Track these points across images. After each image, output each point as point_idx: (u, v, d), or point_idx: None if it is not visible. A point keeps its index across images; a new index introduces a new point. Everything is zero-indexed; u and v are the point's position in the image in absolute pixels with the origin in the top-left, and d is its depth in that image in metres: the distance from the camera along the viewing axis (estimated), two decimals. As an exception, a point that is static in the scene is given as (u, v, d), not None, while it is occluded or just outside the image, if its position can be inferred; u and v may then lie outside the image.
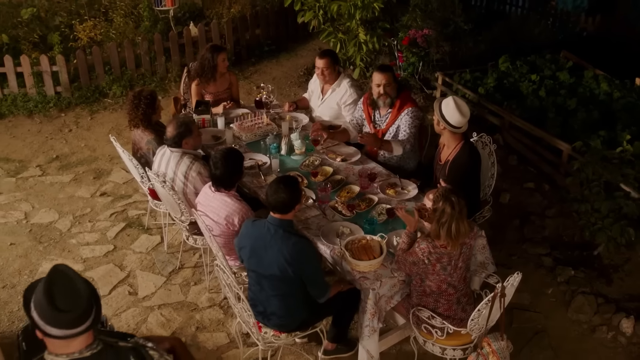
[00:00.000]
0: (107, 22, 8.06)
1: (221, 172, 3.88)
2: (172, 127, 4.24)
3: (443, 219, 3.46)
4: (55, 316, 2.01)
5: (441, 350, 3.79)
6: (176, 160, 4.27)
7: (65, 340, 2.06)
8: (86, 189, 6.05)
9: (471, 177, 4.29)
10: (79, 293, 2.07)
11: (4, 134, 7.06)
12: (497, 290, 3.45)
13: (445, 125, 4.19)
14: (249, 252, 3.56)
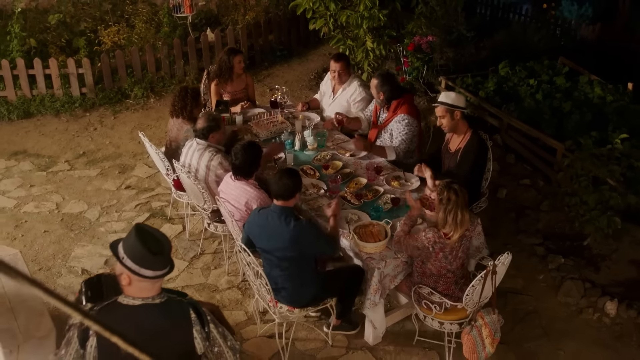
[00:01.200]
0: (129, 27, 8.53)
1: (241, 161, 4.31)
2: (203, 120, 4.69)
3: (449, 207, 3.87)
4: (149, 258, 2.46)
5: (439, 325, 4.20)
6: (200, 152, 4.71)
7: (150, 281, 2.50)
8: (112, 182, 6.50)
9: (480, 164, 4.73)
10: (162, 241, 2.52)
11: (33, 132, 7.53)
12: (489, 268, 3.86)
13: (458, 110, 4.63)
14: (258, 236, 3.98)
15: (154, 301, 2.59)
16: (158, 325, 2.57)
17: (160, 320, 2.59)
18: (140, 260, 2.50)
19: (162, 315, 2.60)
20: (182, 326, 2.62)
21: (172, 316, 2.62)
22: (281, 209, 3.90)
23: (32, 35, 8.17)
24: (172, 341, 2.61)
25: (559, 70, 7.79)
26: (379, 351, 4.50)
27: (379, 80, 5.21)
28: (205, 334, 2.64)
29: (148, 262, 2.50)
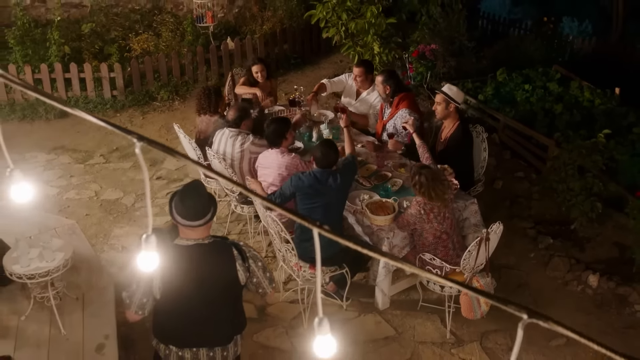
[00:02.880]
0: (156, 36, 9.25)
1: (271, 130, 5.01)
2: (234, 111, 5.37)
3: (422, 189, 4.54)
4: (183, 210, 3.10)
5: (441, 289, 4.83)
6: (233, 138, 5.37)
7: (190, 228, 3.14)
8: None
9: (463, 150, 5.38)
10: (201, 198, 3.16)
11: (69, 129, 8.22)
12: (483, 235, 4.50)
13: (453, 103, 5.30)
14: (307, 194, 4.64)
15: (204, 242, 3.22)
16: (207, 260, 3.21)
17: (209, 256, 3.22)
18: (178, 211, 3.14)
19: (211, 252, 3.23)
20: (227, 260, 3.25)
21: (218, 253, 3.26)
22: (329, 172, 4.65)
23: (66, 42, 8.88)
24: (219, 272, 3.24)
25: (552, 77, 8.45)
26: (388, 314, 5.13)
27: (385, 75, 5.86)
28: (246, 267, 3.27)
29: (183, 213, 3.13)
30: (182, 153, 2.63)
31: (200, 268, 3.18)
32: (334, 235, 1.35)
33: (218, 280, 3.24)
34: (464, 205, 5.17)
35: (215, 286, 3.24)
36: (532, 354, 4.80)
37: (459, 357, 4.77)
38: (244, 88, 6.50)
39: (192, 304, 3.21)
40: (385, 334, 4.96)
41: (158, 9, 9.94)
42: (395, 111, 5.82)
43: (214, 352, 3.31)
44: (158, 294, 3.16)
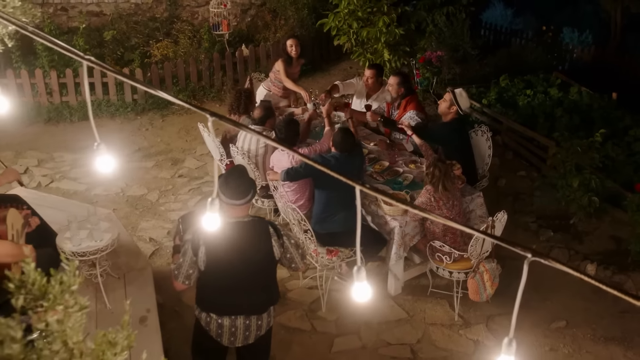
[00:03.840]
0: (174, 43, 9.70)
1: (285, 135, 5.42)
2: (260, 110, 5.80)
3: (434, 180, 4.96)
4: (228, 190, 3.51)
5: (449, 274, 5.23)
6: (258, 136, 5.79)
7: (232, 207, 3.55)
8: (166, 172, 7.57)
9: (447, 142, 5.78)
10: (243, 180, 3.57)
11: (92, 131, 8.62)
12: (489, 223, 4.90)
13: (457, 108, 5.72)
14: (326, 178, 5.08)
15: (244, 219, 3.63)
16: (247, 236, 3.61)
17: (249, 233, 3.63)
18: (223, 191, 3.55)
19: (250, 229, 3.64)
20: (264, 237, 3.65)
21: (256, 230, 3.66)
22: (347, 155, 5.17)
23: (88, 49, 9.31)
24: (257, 248, 3.63)
25: (552, 83, 8.88)
26: (400, 299, 5.52)
27: (401, 77, 6.30)
28: (280, 244, 3.67)
29: (227, 193, 3.54)
30: (250, 128, 3.09)
31: (241, 243, 3.58)
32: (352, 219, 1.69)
33: (256, 254, 3.63)
34: (471, 198, 5.58)
35: (253, 260, 3.63)
36: (534, 335, 5.18)
37: (467, 337, 5.16)
38: (291, 84, 6.92)
39: (232, 276, 3.60)
40: (398, 316, 5.35)
41: (175, 18, 10.39)
42: (404, 112, 6.23)
43: (250, 320, 3.70)
44: (202, 266, 3.55)
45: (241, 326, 3.68)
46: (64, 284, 1.81)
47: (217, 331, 3.68)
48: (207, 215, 2.49)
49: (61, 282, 1.85)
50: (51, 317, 1.69)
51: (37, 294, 1.72)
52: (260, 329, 3.75)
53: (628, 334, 5.22)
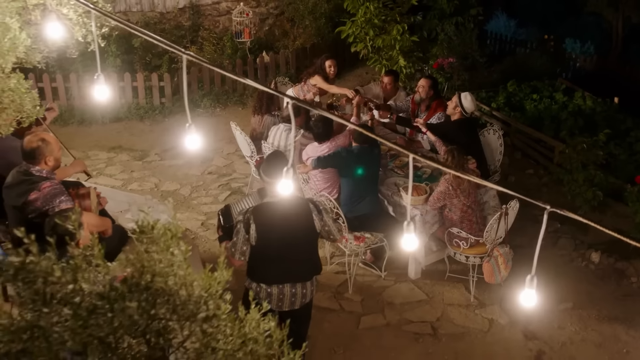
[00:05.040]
0: (199, 49, 10.24)
1: (322, 129, 5.94)
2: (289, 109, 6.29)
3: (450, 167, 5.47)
4: (269, 170, 4.01)
5: (466, 259, 5.71)
6: (287, 132, 6.30)
7: (273, 186, 4.04)
8: (196, 169, 8.08)
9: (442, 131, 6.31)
10: (283, 161, 4.07)
11: (124, 132, 9.16)
12: (503, 210, 5.40)
13: (460, 109, 6.24)
14: (353, 165, 5.63)
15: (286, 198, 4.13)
16: (290, 212, 4.11)
17: (292, 209, 4.12)
18: (265, 171, 4.06)
19: (292, 205, 4.13)
20: (305, 212, 4.15)
21: (298, 206, 4.16)
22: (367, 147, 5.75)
23: (117, 55, 9.87)
24: (299, 222, 4.13)
25: (557, 88, 9.40)
26: (419, 283, 6.01)
27: (432, 81, 6.90)
28: (320, 218, 4.17)
29: (268, 172, 4.06)
30: (322, 109, 3.62)
31: (285, 218, 4.08)
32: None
33: (299, 228, 4.13)
34: (484, 190, 6.08)
35: (297, 233, 4.13)
36: (544, 316, 5.64)
37: (482, 316, 5.64)
38: (336, 89, 7.44)
39: (279, 248, 4.09)
40: (418, 297, 5.84)
41: (197, 26, 10.94)
42: (433, 113, 6.76)
43: (296, 288, 4.19)
44: (253, 241, 4.05)
45: (288, 293, 4.17)
46: (172, 231, 2.35)
47: (265, 299, 4.17)
48: (283, 181, 3.01)
49: (169, 230, 2.40)
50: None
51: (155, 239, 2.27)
52: (305, 296, 4.24)
53: (630, 315, 5.69)
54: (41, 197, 3.82)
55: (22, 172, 3.93)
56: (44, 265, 2.01)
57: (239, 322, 2.32)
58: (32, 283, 1.99)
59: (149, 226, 2.32)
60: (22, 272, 1.97)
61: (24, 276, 1.98)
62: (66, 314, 2.01)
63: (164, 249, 2.29)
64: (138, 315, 1.97)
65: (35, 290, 1.98)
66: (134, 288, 2.09)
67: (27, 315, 2.06)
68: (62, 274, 1.94)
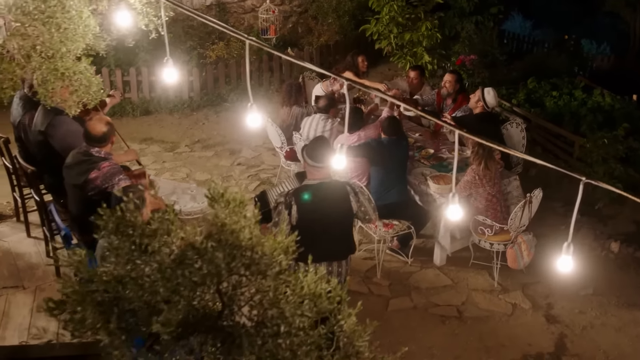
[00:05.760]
0: (227, 45, 10.54)
1: (351, 120, 6.20)
2: (324, 100, 6.59)
3: (478, 157, 5.70)
4: (312, 154, 4.27)
5: (490, 245, 5.94)
6: (323, 121, 6.54)
7: (315, 169, 4.31)
8: (226, 160, 8.37)
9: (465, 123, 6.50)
10: (325, 146, 4.34)
11: (154, 125, 9.46)
12: (527, 198, 5.63)
13: (483, 104, 6.47)
14: (381, 157, 5.88)
15: (325, 181, 4.39)
16: (329, 194, 4.37)
17: (330, 191, 4.39)
18: (310, 157, 4.32)
19: (331, 188, 4.40)
20: (343, 194, 4.41)
21: (336, 188, 4.42)
22: (394, 138, 5.96)
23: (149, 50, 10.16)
24: (338, 203, 4.39)
25: (577, 85, 9.59)
26: (444, 269, 6.25)
27: (458, 75, 7.15)
28: (357, 199, 4.42)
29: (310, 156, 4.32)
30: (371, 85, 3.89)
31: (325, 199, 4.34)
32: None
33: (337, 208, 4.40)
34: (508, 181, 6.31)
35: (335, 214, 4.39)
36: (565, 301, 5.88)
37: (506, 301, 5.87)
38: (368, 82, 7.71)
39: (318, 228, 4.35)
40: (443, 283, 6.08)
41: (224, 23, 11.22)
42: (459, 106, 6.99)
43: (332, 267, 4.45)
44: (294, 221, 4.31)
45: (325, 272, 4.42)
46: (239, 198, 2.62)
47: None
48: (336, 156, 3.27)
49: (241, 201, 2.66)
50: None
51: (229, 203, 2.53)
52: (341, 275, 4.50)
53: (650, 302, 5.91)
54: (101, 175, 4.11)
55: (82, 153, 4.23)
56: (140, 220, 2.29)
57: (303, 278, 2.58)
58: (130, 236, 2.26)
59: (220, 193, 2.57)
60: (121, 226, 2.25)
61: (123, 229, 2.25)
62: (157, 263, 2.28)
63: (237, 212, 2.54)
64: (224, 265, 2.23)
65: (132, 242, 2.25)
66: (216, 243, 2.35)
67: (119, 268, 2.34)
68: (159, 226, 2.21)
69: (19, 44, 3.27)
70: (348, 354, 2.62)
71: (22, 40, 3.19)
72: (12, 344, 4.39)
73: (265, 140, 8.65)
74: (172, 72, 3.64)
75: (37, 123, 4.82)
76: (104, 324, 2.28)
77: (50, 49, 3.30)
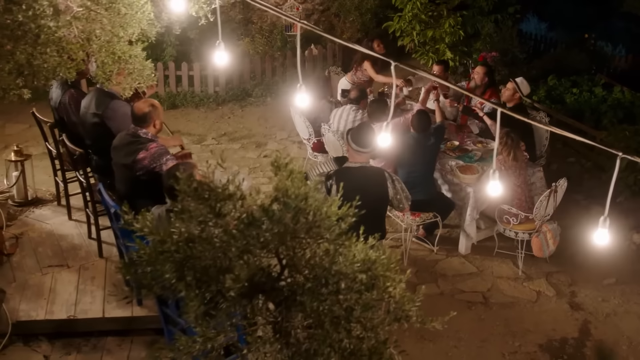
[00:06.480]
0: (252, 41, 10.75)
1: (374, 109, 6.38)
2: (355, 92, 6.77)
3: (507, 147, 5.84)
4: (358, 138, 4.45)
5: (515, 234, 6.09)
6: (354, 112, 6.71)
7: (358, 153, 4.49)
8: (252, 153, 8.56)
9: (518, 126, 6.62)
10: (370, 132, 4.51)
11: (181, 118, 9.68)
12: (553, 188, 5.77)
13: (520, 94, 6.61)
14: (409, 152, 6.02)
15: (365, 165, 4.57)
16: (368, 177, 4.55)
17: (370, 175, 4.57)
18: (355, 141, 4.50)
19: (370, 172, 4.59)
20: (380, 179, 4.59)
21: (376, 173, 4.61)
22: (422, 135, 6.02)
23: (170, 45, 10.40)
24: (376, 187, 4.57)
25: (597, 83, 9.73)
26: (469, 258, 6.41)
27: (487, 68, 7.30)
28: (393, 186, 4.60)
29: (360, 143, 4.49)
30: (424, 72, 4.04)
31: (364, 183, 4.52)
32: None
33: (374, 193, 4.57)
34: (532, 172, 6.46)
35: (372, 197, 4.56)
36: (589, 290, 6.02)
37: (530, 288, 6.02)
38: (383, 78, 7.91)
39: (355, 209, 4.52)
40: (469, 270, 6.24)
41: (247, 20, 11.45)
42: (487, 99, 7.14)
43: (368, 248, 4.61)
44: (332, 202, 4.49)
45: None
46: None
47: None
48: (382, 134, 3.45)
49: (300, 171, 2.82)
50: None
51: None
52: (374, 257, 4.66)
53: (671, 292, 6.03)
54: (149, 156, 4.31)
55: (130, 134, 4.43)
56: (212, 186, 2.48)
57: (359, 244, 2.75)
58: (206, 199, 2.45)
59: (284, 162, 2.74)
60: (200, 189, 2.44)
61: (201, 192, 2.44)
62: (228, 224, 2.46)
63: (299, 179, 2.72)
64: (292, 224, 2.41)
65: (208, 205, 2.44)
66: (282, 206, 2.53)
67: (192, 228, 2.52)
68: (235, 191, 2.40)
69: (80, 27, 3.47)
70: (398, 317, 2.78)
71: (86, 23, 3.39)
72: (60, 318, 4.60)
73: (290, 133, 8.88)
74: (223, 56, 3.83)
75: (91, 106, 5.05)
76: (179, 279, 2.46)
77: (111, 32, 3.49)
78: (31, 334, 4.58)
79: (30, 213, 6.00)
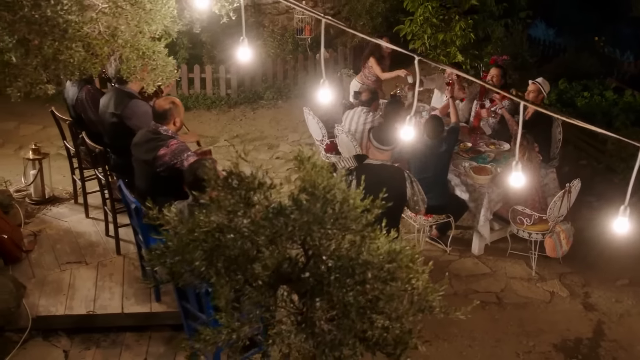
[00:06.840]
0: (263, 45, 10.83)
1: (387, 109, 6.43)
2: (367, 94, 6.82)
3: (522, 148, 5.86)
4: (380, 136, 4.50)
5: (528, 235, 6.11)
6: (365, 115, 6.75)
7: (379, 151, 4.53)
8: (264, 154, 8.61)
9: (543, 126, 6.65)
10: (391, 131, 4.56)
11: (192, 120, 9.72)
12: (566, 189, 5.80)
13: (543, 94, 6.65)
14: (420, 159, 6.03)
15: (385, 163, 4.61)
16: (388, 175, 4.59)
17: (390, 173, 4.61)
18: (377, 139, 4.55)
19: (390, 171, 4.63)
20: (399, 178, 4.63)
21: (396, 172, 4.65)
22: (432, 141, 6.02)
23: (182, 48, 10.48)
24: (395, 185, 4.60)
25: (607, 86, 9.75)
26: (482, 258, 6.43)
27: (502, 70, 7.33)
28: (412, 187, 4.64)
29: (382, 141, 4.53)
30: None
31: (383, 181, 4.54)
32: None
33: (393, 191, 4.58)
34: (545, 173, 6.49)
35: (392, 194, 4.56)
36: (602, 291, 6.02)
37: (543, 289, 6.03)
38: (387, 75, 7.96)
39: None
40: (482, 271, 6.26)
41: (258, 24, 11.52)
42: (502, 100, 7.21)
43: (383, 246, 4.65)
44: (350, 199, 4.53)
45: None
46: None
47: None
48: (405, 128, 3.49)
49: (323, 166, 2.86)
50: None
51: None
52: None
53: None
54: (169, 152, 4.36)
55: (151, 131, 4.49)
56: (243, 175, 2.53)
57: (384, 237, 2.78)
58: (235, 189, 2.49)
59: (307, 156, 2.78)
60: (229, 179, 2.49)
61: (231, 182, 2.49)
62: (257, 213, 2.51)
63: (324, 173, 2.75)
64: (321, 214, 2.45)
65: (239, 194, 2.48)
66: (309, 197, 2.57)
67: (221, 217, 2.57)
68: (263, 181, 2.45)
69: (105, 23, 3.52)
70: (422, 308, 2.81)
71: (112, 18, 3.44)
72: (79, 313, 4.64)
73: (302, 135, 8.94)
74: (247, 51, 3.89)
75: (110, 105, 5.10)
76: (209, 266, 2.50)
77: (136, 27, 3.55)
78: (51, 329, 4.62)
79: (48, 211, 6.07)
